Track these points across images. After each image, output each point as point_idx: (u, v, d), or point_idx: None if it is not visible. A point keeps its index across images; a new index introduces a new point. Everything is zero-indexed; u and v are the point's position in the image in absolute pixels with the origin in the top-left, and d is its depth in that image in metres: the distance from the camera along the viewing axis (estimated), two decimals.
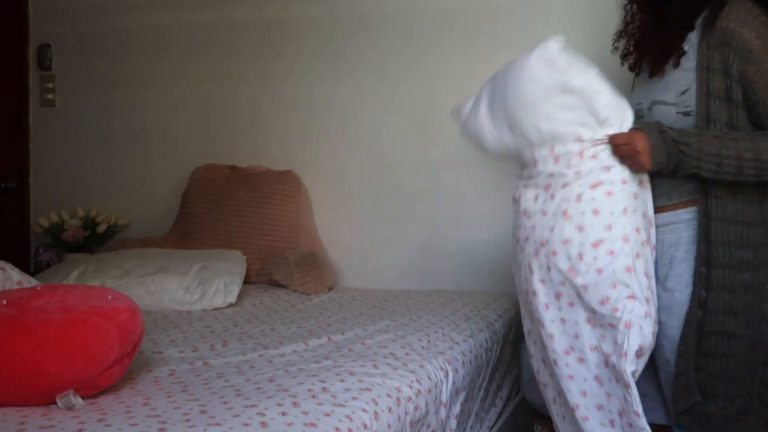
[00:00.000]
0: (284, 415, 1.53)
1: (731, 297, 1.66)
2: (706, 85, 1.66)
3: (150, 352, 2.02)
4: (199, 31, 3.44)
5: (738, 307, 1.66)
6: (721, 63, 1.65)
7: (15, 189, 3.65)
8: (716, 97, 1.66)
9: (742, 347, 1.66)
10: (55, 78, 3.68)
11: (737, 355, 1.66)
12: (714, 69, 1.66)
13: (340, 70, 3.25)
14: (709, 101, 1.66)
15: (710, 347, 1.68)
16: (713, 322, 1.68)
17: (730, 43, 1.63)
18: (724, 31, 1.64)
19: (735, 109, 1.65)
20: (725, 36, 1.64)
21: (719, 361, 1.67)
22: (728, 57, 1.64)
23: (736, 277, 1.67)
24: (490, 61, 3.01)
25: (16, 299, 1.71)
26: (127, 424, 1.46)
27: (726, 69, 1.64)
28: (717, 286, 1.68)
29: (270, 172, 3.26)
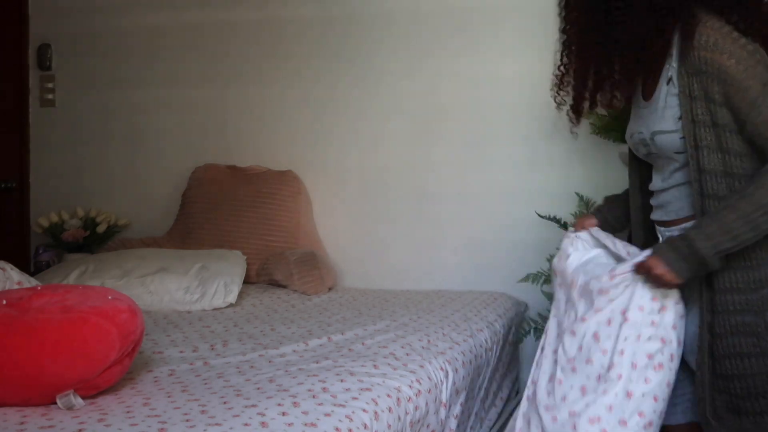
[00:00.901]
0: (284, 415, 1.53)
1: (746, 318, 1.66)
2: (691, 113, 1.66)
3: (150, 352, 2.02)
4: (199, 32, 3.44)
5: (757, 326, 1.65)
6: (700, 90, 1.65)
7: (15, 189, 3.65)
8: (702, 124, 1.66)
9: (758, 365, 1.65)
10: (55, 78, 3.68)
11: (756, 374, 1.65)
12: (696, 96, 1.66)
13: (340, 70, 3.25)
14: (695, 128, 1.66)
15: (726, 370, 1.68)
16: (723, 344, 1.67)
17: (707, 71, 1.63)
18: (698, 59, 1.63)
19: (723, 133, 1.65)
20: (700, 64, 1.64)
21: (739, 382, 1.67)
22: (707, 84, 1.64)
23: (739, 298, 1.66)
24: (490, 63, 3.04)
25: (16, 299, 1.71)
26: (127, 424, 1.47)
27: (707, 95, 1.64)
28: (722, 310, 1.67)
29: (270, 172, 3.26)
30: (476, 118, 3.07)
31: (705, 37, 1.63)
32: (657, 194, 1.84)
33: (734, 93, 1.62)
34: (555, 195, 2.90)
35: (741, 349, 1.66)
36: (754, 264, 1.66)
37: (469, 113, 3.07)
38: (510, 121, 3.03)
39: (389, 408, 1.71)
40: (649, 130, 1.77)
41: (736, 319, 1.66)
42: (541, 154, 2.97)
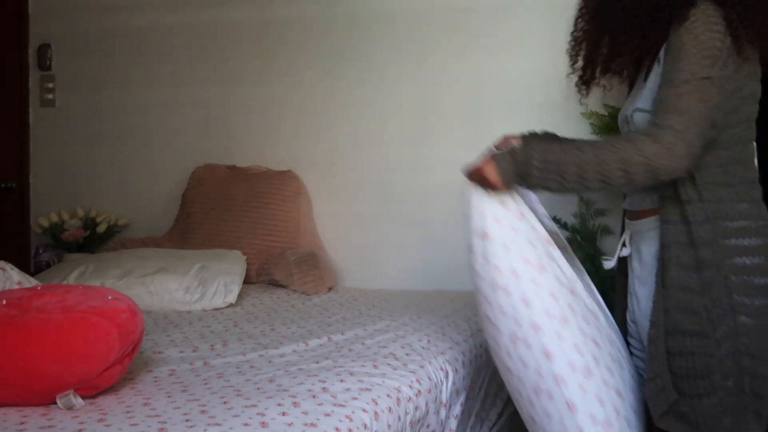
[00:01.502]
0: (284, 415, 1.53)
1: (688, 296, 1.66)
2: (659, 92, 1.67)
3: (150, 352, 2.02)
4: (199, 32, 3.44)
5: (698, 306, 1.65)
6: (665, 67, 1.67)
7: (15, 189, 3.65)
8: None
9: (698, 344, 1.64)
10: (55, 78, 3.68)
11: (695, 353, 1.64)
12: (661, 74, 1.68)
13: (340, 70, 3.25)
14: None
15: (669, 348, 1.67)
16: (669, 321, 1.67)
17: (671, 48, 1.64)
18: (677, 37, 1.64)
19: None
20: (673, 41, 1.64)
21: (679, 360, 1.66)
22: (667, 60, 1.65)
23: (684, 276, 1.66)
24: (491, 63, 3.04)
25: (16, 299, 1.71)
26: (127, 424, 1.47)
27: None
28: (669, 285, 1.67)
29: (270, 172, 3.26)
30: (477, 117, 3.07)
31: (692, 20, 1.62)
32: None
33: (671, 67, 1.62)
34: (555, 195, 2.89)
35: (683, 326, 1.65)
36: (696, 243, 1.66)
37: (469, 113, 3.07)
38: (510, 121, 3.02)
39: (389, 408, 1.71)
40: (632, 107, 1.78)
41: (680, 295, 1.66)
42: None
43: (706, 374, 1.63)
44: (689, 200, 1.68)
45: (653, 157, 1.58)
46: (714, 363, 1.63)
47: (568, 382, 1.71)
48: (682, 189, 1.68)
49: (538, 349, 1.73)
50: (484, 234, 1.79)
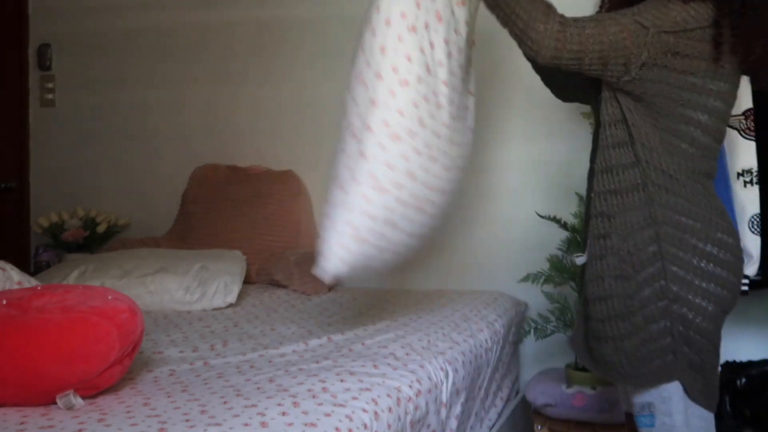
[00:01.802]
0: (284, 415, 1.53)
1: (604, 242, 1.67)
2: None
3: (150, 352, 2.02)
4: (199, 32, 3.44)
5: (620, 249, 1.65)
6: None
7: (15, 189, 3.65)
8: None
9: (619, 286, 1.65)
10: (55, 78, 3.68)
11: (615, 295, 1.65)
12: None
13: (340, 70, 3.23)
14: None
15: (589, 294, 1.70)
16: (591, 269, 1.69)
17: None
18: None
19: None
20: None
21: (600, 305, 1.67)
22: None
23: (608, 222, 1.67)
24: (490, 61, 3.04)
25: (16, 299, 1.71)
26: (127, 424, 1.47)
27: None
28: (594, 234, 1.69)
29: (270, 172, 3.26)
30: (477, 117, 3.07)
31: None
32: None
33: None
34: (555, 195, 2.90)
35: (603, 271, 1.67)
36: (619, 188, 1.66)
37: None
38: (510, 121, 3.03)
39: (389, 408, 1.71)
40: None
41: (603, 241, 1.67)
42: (541, 154, 2.97)
43: (627, 316, 1.64)
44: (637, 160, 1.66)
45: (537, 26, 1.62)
46: (635, 305, 1.63)
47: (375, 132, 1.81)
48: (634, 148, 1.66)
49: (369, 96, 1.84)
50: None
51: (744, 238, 2.34)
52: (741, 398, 2.46)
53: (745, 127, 2.36)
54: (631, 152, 1.65)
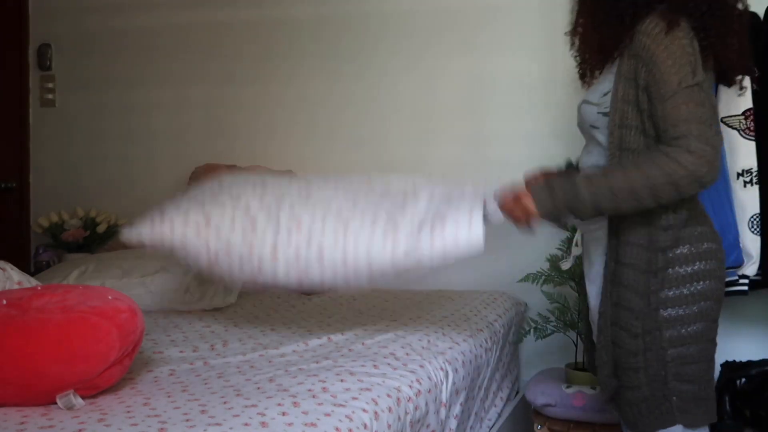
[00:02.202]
0: (284, 415, 1.53)
1: (629, 294, 1.71)
2: (620, 90, 1.70)
3: (150, 352, 2.02)
4: (200, 32, 3.44)
5: (635, 304, 1.70)
6: (631, 71, 1.69)
7: (15, 189, 3.65)
8: (627, 102, 1.70)
9: (634, 341, 1.70)
10: (55, 78, 3.68)
11: (626, 349, 1.71)
12: (626, 76, 1.70)
13: (340, 70, 3.25)
14: (622, 105, 1.70)
15: (614, 337, 1.74)
16: (616, 314, 1.74)
17: (641, 54, 1.67)
18: (640, 43, 1.67)
19: (643, 117, 1.68)
20: (638, 47, 1.68)
21: (617, 350, 1.74)
22: (637, 66, 1.68)
23: (632, 274, 1.71)
24: (490, 62, 3.05)
25: (16, 299, 1.71)
26: (127, 424, 1.47)
27: (635, 77, 1.68)
28: (622, 283, 1.73)
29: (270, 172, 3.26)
30: (476, 117, 3.07)
31: (652, 25, 1.66)
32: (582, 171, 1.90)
33: (653, 82, 1.65)
34: None
35: (622, 320, 1.72)
36: (652, 246, 1.70)
37: (469, 112, 3.08)
38: (510, 121, 3.03)
39: (389, 408, 1.71)
40: (581, 99, 1.84)
41: (624, 293, 1.72)
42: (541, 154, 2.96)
43: (636, 368, 1.71)
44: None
45: (694, 166, 1.58)
46: (639, 361, 1.70)
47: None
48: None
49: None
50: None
51: (744, 238, 2.34)
52: (741, 398, 2.46)
53: (745, 127, 2.36)
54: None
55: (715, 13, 1.69)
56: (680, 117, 1.60)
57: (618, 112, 1.70)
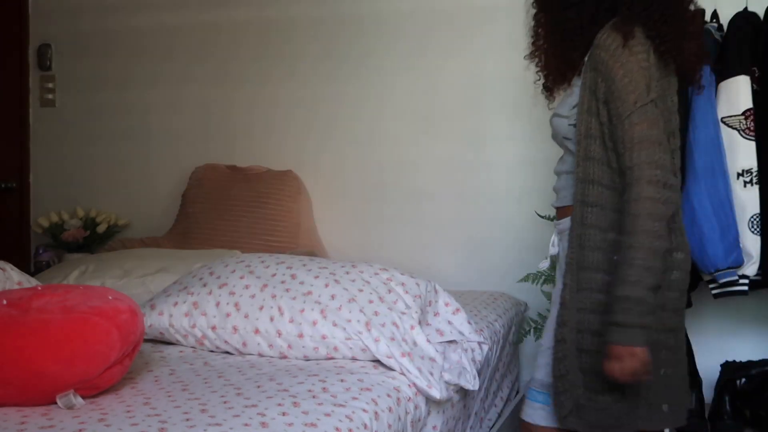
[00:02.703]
0: (284, 415, 1.53)
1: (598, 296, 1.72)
2: (585, 102, 1.74)
3: (150, 351, 2.02)
4: (199, 32, 3.44)
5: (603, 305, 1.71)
6: (593, 83, 1.72)
7: (15, 189, 3.65)
8: (590, 113, 1.73)
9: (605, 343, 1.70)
10: (55, 78, 3.68)
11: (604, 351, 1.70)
12: (588, 87, 1.73)
13: (340, 70, 3.25)
14: (587, 117, 1.73)
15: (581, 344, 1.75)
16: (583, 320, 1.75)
17: (600, 69, 1.70)
18: (598, 57, 1.70)
19: (603, 129, 1.72)
20: (597, 62, 1.70)
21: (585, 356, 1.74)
22: (597, 80, 1.71)
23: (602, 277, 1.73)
24: (489, 61, 3.04)
25: (16, 299, 1.71)
26: (128, 423, 1.47)
27: (595, 90, 1.71)
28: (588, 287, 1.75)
29: (270, 172, 3.26)
30: (476, 117, 3.07)
31: (610, 40, 1.69)
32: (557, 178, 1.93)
33: (612, 99, 1.69)
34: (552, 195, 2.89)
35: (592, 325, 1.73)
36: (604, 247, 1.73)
37: (469, 113, 3.08)
38: (510, 121, 3.03)
39: (389, 408, 1.71)
40: (552, 113, 1.88)
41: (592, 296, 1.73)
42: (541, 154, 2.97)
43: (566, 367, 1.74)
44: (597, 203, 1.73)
45: (655, 194, 1.63)
46: (569, 351, 1.73)
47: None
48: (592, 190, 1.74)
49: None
50: None
51: (744, 238, 2.35)
52: (741, 398, 2.46)
53: (745, 127, 2.36)
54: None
55: (668, 20, 1.72)
56: (634, 139, 1.66)
57: (583, 123, 1.74)
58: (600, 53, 1.69)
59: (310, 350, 1.96)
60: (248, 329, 2.00)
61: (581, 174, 1.74)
